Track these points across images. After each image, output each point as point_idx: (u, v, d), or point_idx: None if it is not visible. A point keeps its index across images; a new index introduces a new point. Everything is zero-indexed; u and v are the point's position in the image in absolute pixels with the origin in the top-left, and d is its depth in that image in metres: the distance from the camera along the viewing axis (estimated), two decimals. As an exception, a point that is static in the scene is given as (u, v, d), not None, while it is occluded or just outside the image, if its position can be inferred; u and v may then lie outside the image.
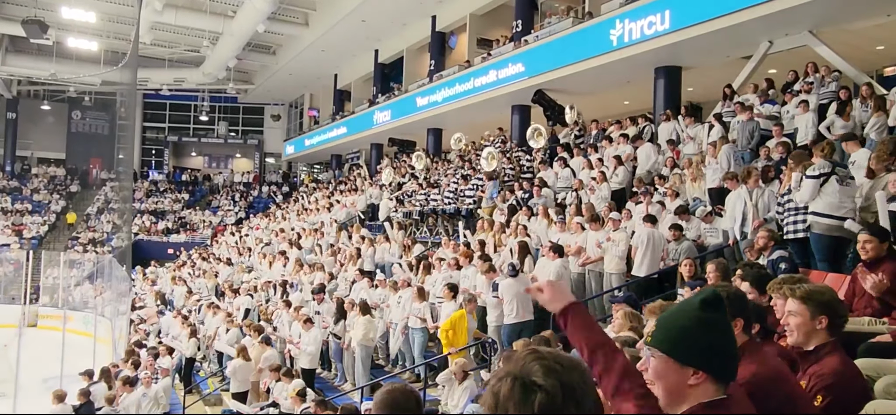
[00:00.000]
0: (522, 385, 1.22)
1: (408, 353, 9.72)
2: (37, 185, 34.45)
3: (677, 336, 1.63)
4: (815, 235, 6.33)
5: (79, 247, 30.13)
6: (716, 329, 1.61)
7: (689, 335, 1.61)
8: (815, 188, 6.24)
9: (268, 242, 20.72)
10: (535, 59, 16.26)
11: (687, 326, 1.63)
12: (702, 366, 1.59)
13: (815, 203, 6.28)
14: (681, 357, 1.61)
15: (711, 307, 1.63)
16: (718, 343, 1.61)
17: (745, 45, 12.36)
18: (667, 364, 1.62)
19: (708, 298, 1.66)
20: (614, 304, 6.04)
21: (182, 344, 13.16)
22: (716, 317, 1.62)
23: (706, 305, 1.63)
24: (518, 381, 1.23)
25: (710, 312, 1.62)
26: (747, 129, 10.21)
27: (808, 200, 6.35)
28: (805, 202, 6.40)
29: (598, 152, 12.91)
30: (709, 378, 1.59)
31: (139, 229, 31.49)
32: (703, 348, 1.60)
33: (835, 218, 6.17)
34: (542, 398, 1.20)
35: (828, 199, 6.19)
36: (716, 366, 1.60)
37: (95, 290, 23.30)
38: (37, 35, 22.58)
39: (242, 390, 9.96)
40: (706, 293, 1.69)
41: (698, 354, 1.60)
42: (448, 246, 11.58)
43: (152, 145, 38.42)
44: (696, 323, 1.62)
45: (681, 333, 1.63)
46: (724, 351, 1.62)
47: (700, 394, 1.60)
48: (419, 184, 17.41)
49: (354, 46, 25.68)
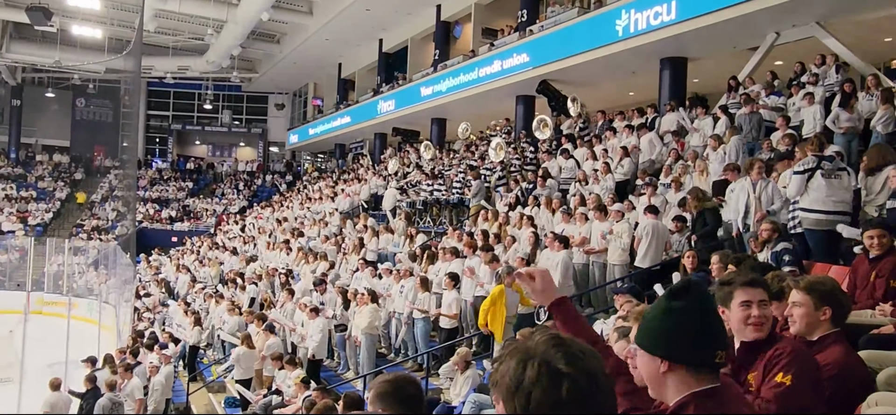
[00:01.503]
0: (550, 371, 1.20)
1: (411, 342, 9.75)
2: (41, 172, 34.54)
3: (645, 326, 1.65)
4: (806, 230, 6.40)
5: (83, 234, 30.24)
6: (679, 316, 1.59)
7: (654, 325, 1.63)
8: (801, 184, 6.34)
9: (271, 231, 20.76)
10: (539, 49, 16.20)
11: (654, 315, 1.65)
12: (664, 354, 1.59)
13: (804, 199, 6.37)
14: (648, 347, 1.62)
15: (677, 296, 1.62)
16: (679, 330, 1.59)
17: (751, 36, 12.29)
18: (642, 355, 1.64)
19: (675, 286, 1.66)
20: (617, 295, 6.05)
21: (186, 332, 13.23)
22: (681, 305, 1.60)
23: (672, 294, 1.63)
24: (545, 366, 1.20)
25: (676, 300, 1.61)
26: (753, 121, 10.17)
27: (795, 195, 6.46)
28: (793, 197, 6.53)
29: (602, 143, 12.87)
30: (679, 366, 1.57)
31: (143, 217, 31.57)
32: (664, 336, 1.60)
33: (822, 212, 6.23)
34: (571, 386, 1.18)
35: (814, 194, 6.28)
36: (678, 353, 1.58)
37: (100, 277, 23.39)
38: (41, 22, 22.56)
39: (246, 377, 10.01)
40: (679, 282, 1.69)
41: (660, 342, 1.60)
42: (452, 236, 11.59)
43: (156, 133, 38.45)
44: (661, 312, 1.63)
45: (648, 323, 1.65)
46: (687, 338, 1.58)
47: (678, 383, 1.58)
48: (425, 174, 17.40)
49: (359, 35, 25.61)
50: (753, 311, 2.46)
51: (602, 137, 13.28)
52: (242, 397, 9.67)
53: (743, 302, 2.47)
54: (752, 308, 2.46)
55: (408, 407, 2.16)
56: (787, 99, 10.89)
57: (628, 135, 12.39)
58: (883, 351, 3.28)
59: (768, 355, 2.42)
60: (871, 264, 4.39)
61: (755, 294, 2.48)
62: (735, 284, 2.53)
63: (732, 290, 2.52)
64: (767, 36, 12.09)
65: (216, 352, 13.45)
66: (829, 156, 6.54)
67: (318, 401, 6.42)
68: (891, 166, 6.17)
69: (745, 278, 2.56)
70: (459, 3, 21.49)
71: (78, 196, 33.82)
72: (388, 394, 2.16)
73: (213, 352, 13.66)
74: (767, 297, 2.55)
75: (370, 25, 24.46)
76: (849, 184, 6.38)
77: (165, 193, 34.48)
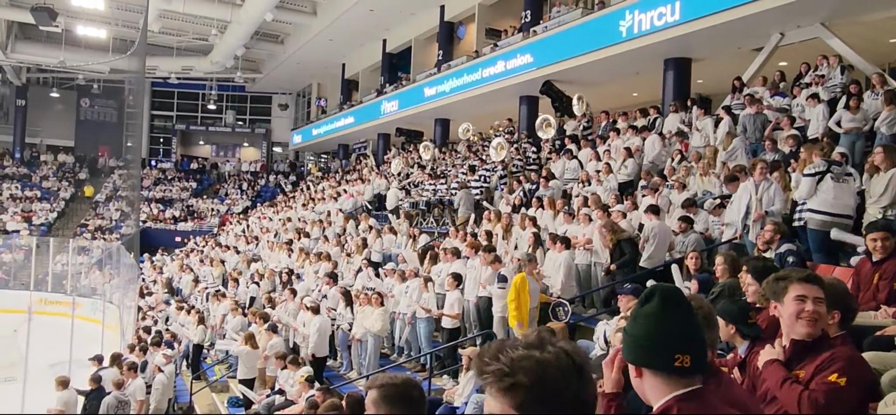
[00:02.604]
0: (568, 357, 1.21)
1: (414, 342, 9.75)
2: (46, 172, 34.65)
3: (624, 335, 1.68)
4: (810, 229, 6.49)
5: (87, 234, 30.32)
6: (642, 322, 1.62)
7: (627, 332, 1.66)
8: (812, 186, 6.45)
9: (275, 231, 20.78)
10: (543, 49, 16.19)
11: (629, 323, 1.68)
12: (631, 360, 1.63)
13: (812, 200, 6.47)
14: (625, 354, 1.66)
15: (644, 302, 1.64)
16: (642, 336, 1.61)
17: (756, 36, 12.26)
18: (627, 364, 1.68)
19: (645, 293, 1.68)
20: (620, 295, 6.04)
21: (189, 331, 13.25)
22: (646, 310, 1.62)
23: (641, 301, 1.65)
24: (563, 352, 1.22)
25: (643, 306, 1.64)
26: (757, 122, 10.14)
27: (805, 197, 6.56)
28: (803, 199, 6.62)
29: (606, 144, 12.85)
30: (647, 372, 1.59)
31: (147, 217, 31.65)
32: (632, 342, 1.64)
33: (829, 215, 6.34)
34: (557, 376, 1.21)
35: (823, 196, 6.39)
36: (642, 359, 1.60)
37: (103, 277, 23.45)
38: (46, 22, 22.66)
39: (249, 376, 10.02)
40: (648, 288, 1.71)
41: (628, 348, 1.64)
42: (455, 236, 11.58)
43: (160, 133, 38.54)
44: (632, 319, 1.66)
45: (625, 331, 1.68)
46: (650, 343, 1.59)
47: (654, 387, 1.59)
48: (427, 174, 17.40)
49: (362, 36, 25.64)
50: (808, 306, 2.48)
51: (605, 137, 13.26)
52: (245, 397, 9.68)
53: (798, 296, 2.50)
54: (807, 303, 2.48)
55: (412, 409, 2.15)
56: (791, 100, 10.86)
57: (632, 135, 12.37)
58: (887, 352, 3.27)
59: (821, 358, 2.46)
60: (875, 267, 4.38)
61: (811, 290, 2.50)
62: (790, 279, 2.55)
63: (787, 284, 2.54)
64: (772, 36, 12.06)
65: (219, 352, 13.46)
66: (837, 161, 6.60)
67: (321, 401, 6.42)
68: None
69: (801, 274, 2.58)
70: (463, 4, 21.49)
71: (86, 189, 34.15)
72: (392, 396, 2.14)
73: (215, 352, 13.68)
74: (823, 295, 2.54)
75: (374, 26, 24.49)
76: (854, 188, 6.46)
77: (169, 193, 34.57)
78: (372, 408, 2.15)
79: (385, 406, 2.14)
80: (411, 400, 2.16)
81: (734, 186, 7.61)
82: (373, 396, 2.17)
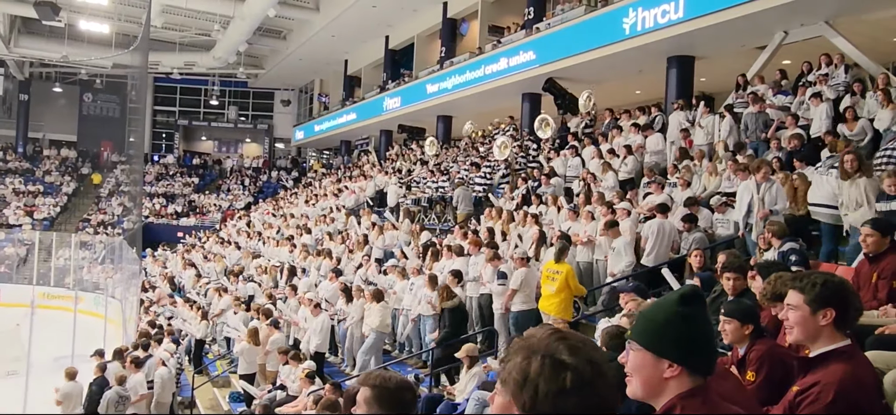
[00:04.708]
0: (552, 363, 1.26)
1: (415, 338, 9.75)
2: (49, 167, 34.70)
3: (655, 330, 1.66)
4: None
5: (90, 229, 30.38)
6: (692, 323, 1.63)
7: (667, 329, 1.64)
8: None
9: (277, 228, 20.81)
10: (546, 47, 16.16)
11: (664, 319, 1.65)
12: (678, 359, 1.62)
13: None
14: (657, 350, 1.63)
15: (689, 302, 1.65)
16: (694, 337, 1.63)
17: (759, 34, 12.22)
18: (644, 357, 1.65)
19: (686, 292, 1.69)
20: (622, 293, 6.04)
21: (192, 326, 13.27)
22: (693, 311, 1.64)
23: (684, 300, 1.66)
24: (548, 359, 1.26)
25: (688, 306, 1.64)
26: (759, 120, 10.12)
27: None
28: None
29: (608, 142, 12.83)
30: (684, 371, 1.61)
31: (149, 212, 31.70)
32: (679, 341, 1.62)
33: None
34: (573, 375, 1.25)
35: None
36: (691, 359, 1.62)
37: (106, 271, 23.51)
38: (49, 17, 22.68)
39: (250, 372, 10.04)
40: (686, 288, 1.72)
41: (674, 347, 1.63)
42: (457, 233, 11.58)
43: (163, 129, 38.58)
44: (674, 317, 1.64)
45: (658, 326, 1.65)
46: (700, 345, 1.64)
47: (676, 387, 1.61)
48: (430, 171, 17.40)
49: (365, 32, 25.61)
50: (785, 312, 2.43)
51: (608, 135, 13.24)
52: (247, 393, 9.70)
53: (786, 303, 2.46)
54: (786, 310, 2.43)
55: (403, 410, 2.13)
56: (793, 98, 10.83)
57: (634, 133, 12.35)
58: (889, 351, 3.26)
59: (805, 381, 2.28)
60: (872, 265, 4.37)
61: (791, 295, 2.41)
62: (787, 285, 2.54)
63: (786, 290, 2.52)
64: (776, 35, 12.02)
65: (220, 347, 13.50)
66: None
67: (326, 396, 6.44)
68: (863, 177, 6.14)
69: (794, 279, 2.54)
70: (466, 1, 21.46)
71: (93, 176, 34.45)
72: (385, 398, 2.12)
73: (217, 347, 13.71)
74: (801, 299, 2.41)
75: (376, 22, 24.46)
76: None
77: (172, 188, 34.61)
78: (363, 405, 2.12)
79: (376, 406, 2.11)
80: (403, 403, 2.14)
81: (744, 175, 7.64)
82: (365, 394, 2.13)
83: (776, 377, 3.08)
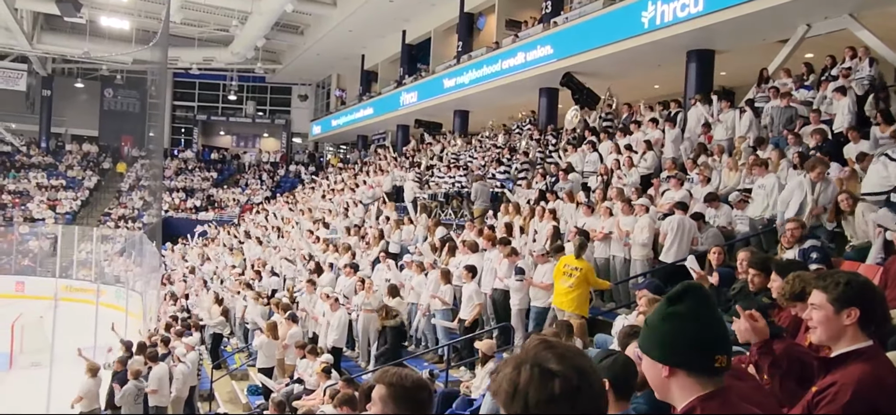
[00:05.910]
0: (541, 372, 1.28)
1: (430, 334, 9.77)
2: (71, 161, 35.23)
3: (646, 331, 1.67)
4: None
5: (111, 222, 30.81)
6: (676, 321, 1.61)
7: (655, 331, 1.64)
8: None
9: (296, 221, 20.93)
10: (564, 41, 16.05)
11: (655, 322, 1.65)
12: (663, 359, 1.60)
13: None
14: (649, 352, 1.64)
15: (675, 301, 1.63)
16: (678, 335, 1.60)
17: (781, 28, 12.03)
18: (646, 361, 1.65)
19: (674, 291, 1.66)
20: (638, 291, 5.99)
21: (212, 320, 13.42)
22: (678, 309, 1.61)
23: (671, 300, 1.64)
24: (536, 368, 1.28)
25: (674, 305, 1.62)
26: (784, 115, 9.96)
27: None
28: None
29: (626, 137, 12.72)
30: (681, 371, 1.58)
31: (169, 206, 32.06)
32: (663, 341, 1.61)
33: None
34: (561, 382, 1.26)
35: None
36: (676, 358, 1.59)
37: (126, 265, 23.83)
38: (71, 14, 22.97)
39: (268, 365, 10.12)
40: (677, 287, 1.68)
41: (659, 347, 1.62)
42: (473, 229, 11.56)
43: (182, 124, 38.98)
44: (661, 318, 1.63)
45: (650, 329, 1.66)
46: (686, 343, 1.59)
47: (682, 387, 1.59)
48: (447, 166, 17.38)
49: (382, 27, 25.62)
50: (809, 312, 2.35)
51: (626, 130, 13.13)
52: (265, 386, 9.78)
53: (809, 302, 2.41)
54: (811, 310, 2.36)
55: (419, 410, 2.10)
56: (816, 92, 10.65)
57: (652, 128, 12.23)
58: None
59: (823, 382, 2.21)
60: None
61: (815, 295, 2.34)
62: (809, 284, 2.50)
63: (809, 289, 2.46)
64: (798, 28, 11.82)
65: (239, 340, 13.62)
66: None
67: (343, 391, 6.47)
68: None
69: (817, 278, 2.47)
70: (483, -5, 21.40)
71: (119, 166, 35.09)
72: (401, 396, 2.08)
73: (235, 340, 13.84)
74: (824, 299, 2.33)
75: (393, 17, 24.45)
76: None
77: (191, 182, 34.98)
78: (379, 403, 2.09)
79: (392, 405, 2.08)
80: (419, 402, 2.10)
81: (761, 170, 7.52)
82: (381, 392, 2.09)
83: (794, 378, 3.02)
